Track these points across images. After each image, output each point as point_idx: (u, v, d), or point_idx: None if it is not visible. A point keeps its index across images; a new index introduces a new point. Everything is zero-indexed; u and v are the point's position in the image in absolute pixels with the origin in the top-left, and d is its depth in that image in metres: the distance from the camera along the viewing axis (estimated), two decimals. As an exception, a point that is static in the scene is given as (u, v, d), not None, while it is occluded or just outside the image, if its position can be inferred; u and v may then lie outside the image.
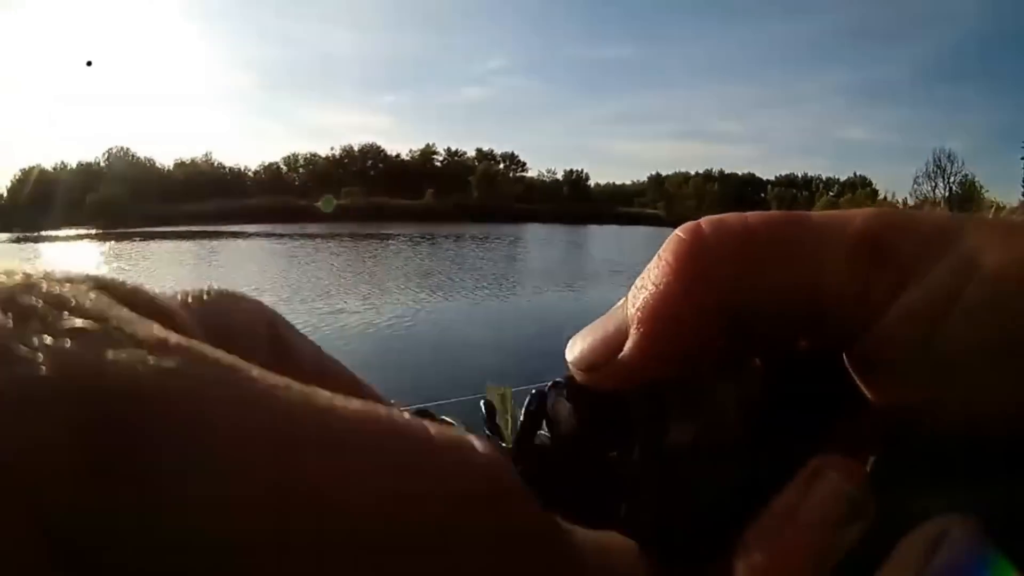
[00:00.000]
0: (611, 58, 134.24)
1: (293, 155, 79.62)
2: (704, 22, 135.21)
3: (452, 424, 0.19)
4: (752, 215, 0.23)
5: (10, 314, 0.12)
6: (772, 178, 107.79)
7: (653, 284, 0.22)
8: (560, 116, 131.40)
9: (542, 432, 0.24)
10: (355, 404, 0.14)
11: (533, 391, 0.25)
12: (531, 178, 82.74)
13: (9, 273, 0.13)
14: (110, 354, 0.12)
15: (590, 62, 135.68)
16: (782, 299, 0.22)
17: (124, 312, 0.14)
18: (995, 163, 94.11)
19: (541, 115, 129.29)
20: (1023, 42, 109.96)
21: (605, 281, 20.48)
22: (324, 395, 0.13)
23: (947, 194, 59.77)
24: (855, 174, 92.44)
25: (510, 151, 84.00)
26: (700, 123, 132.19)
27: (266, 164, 78.11)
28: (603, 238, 51.80)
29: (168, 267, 24.27)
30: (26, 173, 65.51)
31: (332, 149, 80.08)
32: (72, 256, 33.11)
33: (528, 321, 13.60)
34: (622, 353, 0.23)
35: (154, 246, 35.11)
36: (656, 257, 0.23)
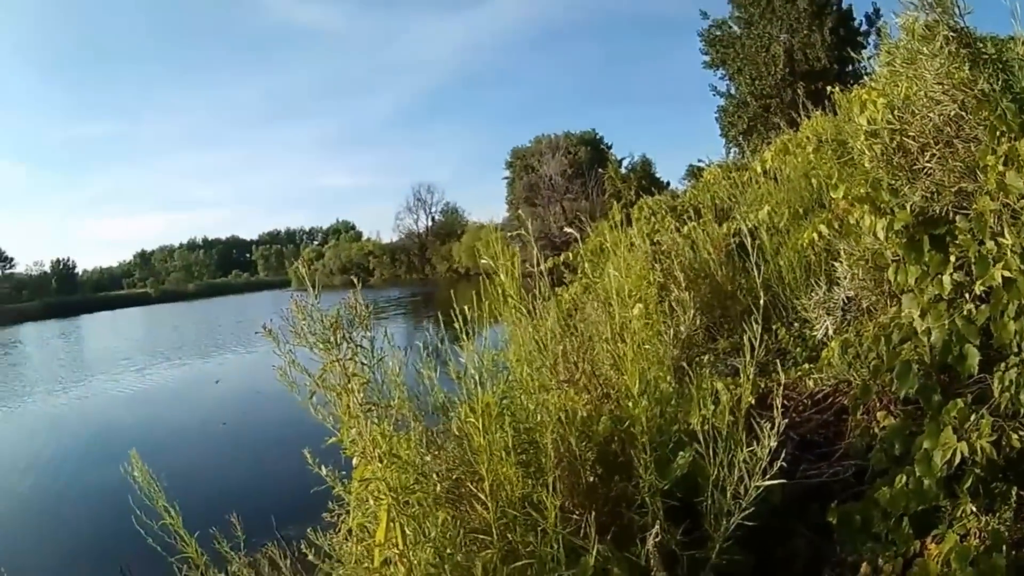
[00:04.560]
0: (94, 136, 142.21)
1: None
2: (183, 89, 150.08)
3: None
4: None
5: None
6: (256, 237, 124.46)
7: None
8: (46, 202, 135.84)
9: None
10: None
11: None
12: (19, 275, 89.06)
13: None
14: None
15: (73, 142, 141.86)
16: None
17: None
18: (475, 186, 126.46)
19: (27, 203, 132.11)
20: (487, 79, 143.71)
21: (110, 370, 25.39)
22: None
23: (430, 223, 75.05)
24: (338, 219, 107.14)
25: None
26: (182, 193, 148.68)
27: None
28: (97, 326, 59.92)
29: None
30: None
31: None
32: None
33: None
34: None
35: None
36: None
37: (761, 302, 2.49)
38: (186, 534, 2.73)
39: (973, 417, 2.75)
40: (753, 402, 2.66)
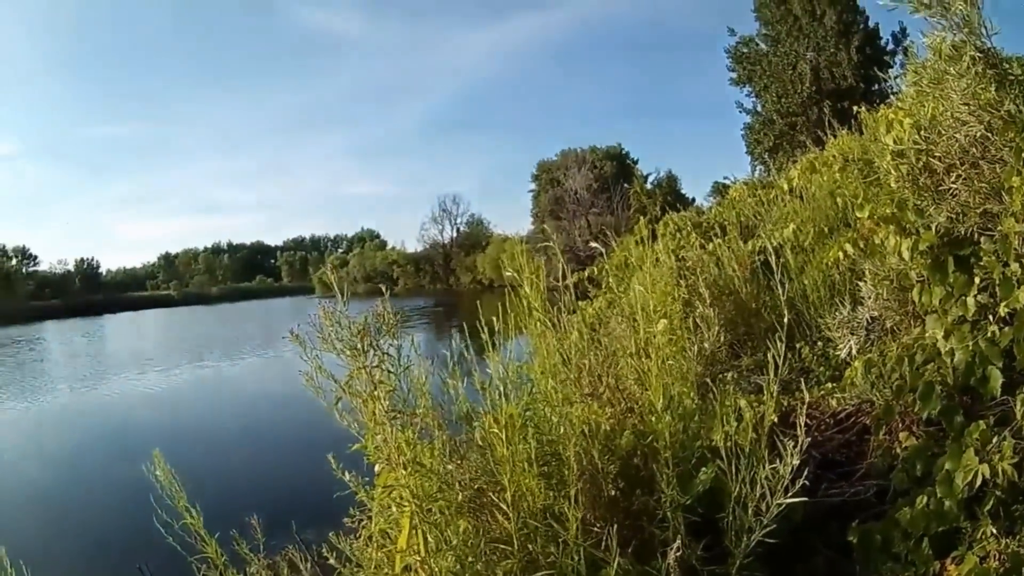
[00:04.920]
0: (120, 136, 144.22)
1: None
2: (210, 93, 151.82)
3: None
4: None
5: None
6: (281, 243, 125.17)
7: None
8: (71, 202, 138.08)
9: None
10: None
11: None
12: (43, 272, 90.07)
13: None
14: None
15: (100, 141, 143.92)
16: None
17: None
18: (500, 198, 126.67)
19: (53, 202, 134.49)
20: (514, 91, 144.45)
21: (134, 369, 25.90)
22: None
23: (455, 234, 75.51)
24: (362, 228, 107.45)
25: (22, 245, 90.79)
26: (207, 196, 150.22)
27: None
28: (119, 327, 60.71)
29: None
30: None
31: None
32: None
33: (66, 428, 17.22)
34: None
35: None
36: None
37: (785, 320, 2.49)
38: (206, 534, 2.74)
39: (995, 439, 2.74)
40: (776, 420, 2.66)
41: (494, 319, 2.57)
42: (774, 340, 2.42)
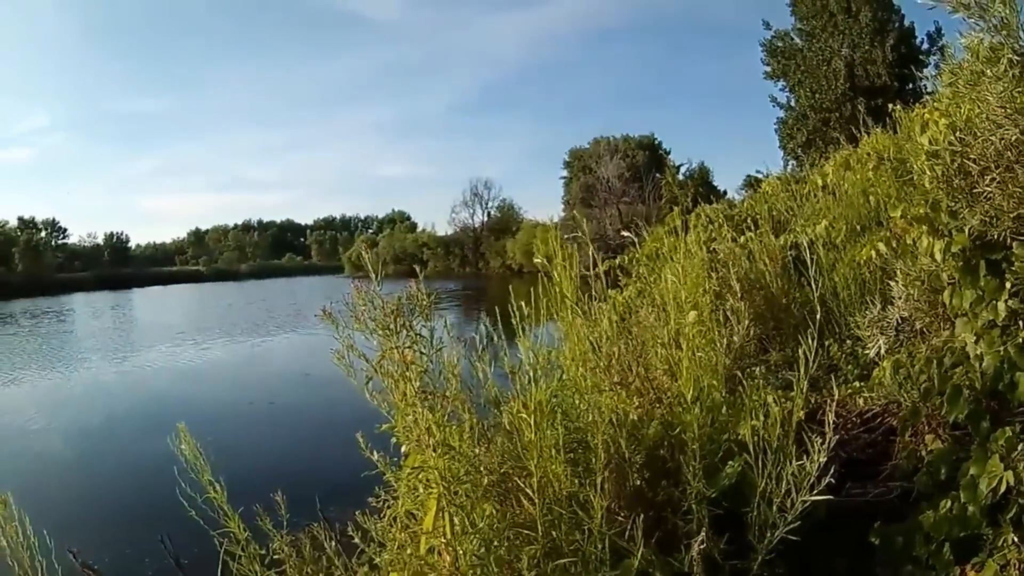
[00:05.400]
0: (151, 111, 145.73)
1: None
2: (240, 67, 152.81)
3: None
4: None
5: None
6: (311, 222, 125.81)
7: None
8: (102, 175, 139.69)
9: None
10: None
11: None
12: (73, 245, 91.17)
13: None
14: None
15: (131, 116, 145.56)
16: None
17: None
18: (531, 183, 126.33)
19: (83, 175, 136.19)
20: (546, 75, 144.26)
21: (164, 343, 26.06)
22: None
23: (485, 219, 75.51)
24: (393, 209, 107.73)
25: (51, 217, 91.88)
26: (238, 173, 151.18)
27: None
28: (148, 300, 61.30)
29: None
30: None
31: None
32: None
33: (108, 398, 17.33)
34: None
35: None
36: None
37: (817, 316, 2.48)
38: (230, 509, 2.77)
39: (1021, 446, 2.71)
40: (803, 416, 2.65)
41: (523, 304, 2.57)
42: (805, 336, 2.41)
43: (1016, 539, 2.57)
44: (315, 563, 2.92)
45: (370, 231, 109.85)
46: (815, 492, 2.37)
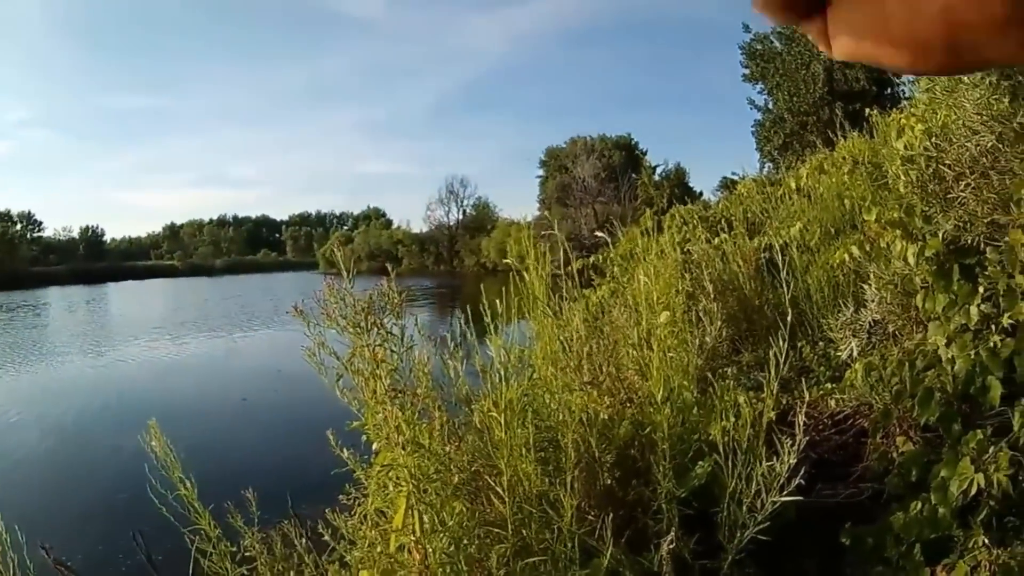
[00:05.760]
0: (134, 107, 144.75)
1: None
2: (223, 64, 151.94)
3: None
4: None
5: None
6: (286, 218, 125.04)
7: None
8: (80, 170, 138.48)
9: None
10: None
11: None
12: (48, 238, 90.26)
13: None
14: None
15: (110, 111, 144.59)
16: None
17: None
18: (507, 182, 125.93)
19: (62, 169, 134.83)
20: (526, 76, 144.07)
21: (142, 340, 25.36)
22: None
23: (460, 217, 75.22)
24: (368, 206, 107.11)
25: (27, 210, 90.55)
26: (214, 169, 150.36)
27: None
28: (123, 295, 60.62)
29: None
30: None
31: None
32: None
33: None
34: None
35: None
36: None
37: (788, 318, 2.49)
38: (200, 506, 2.74)
39: (992, 449, 2.73)
40: (775, 417, 2.66)
41: (496, 302, 2.55)
42: (776, 337, 2.41)
43: (987, 541, 2.59)
44: (286, 560, 2.90)
45: (346, 227, 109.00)
46: (785, 493, 2.37)
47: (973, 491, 2.67)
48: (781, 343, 2.39)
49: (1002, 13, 0.31)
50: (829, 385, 3.77)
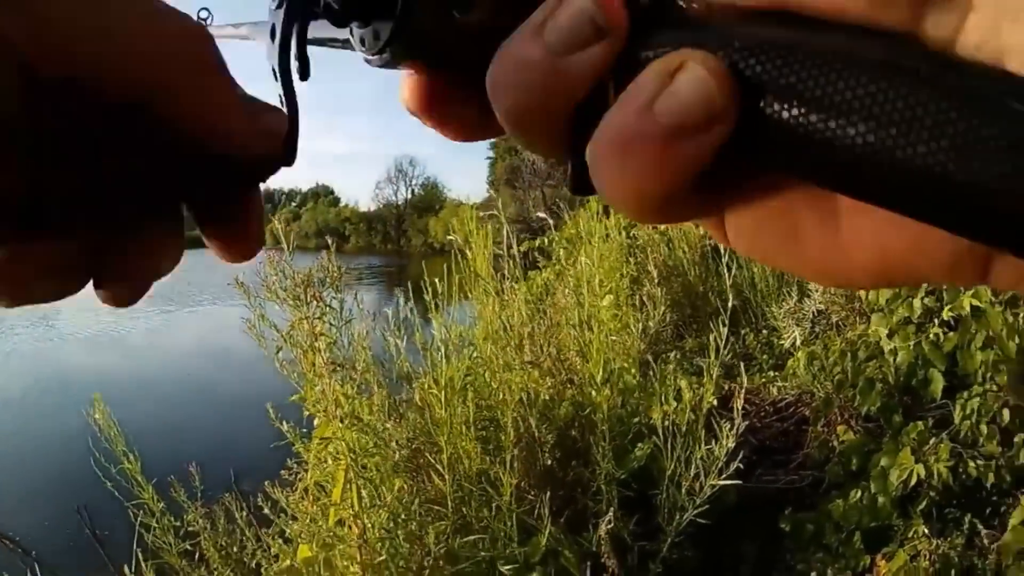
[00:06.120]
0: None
1: None
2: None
3: None
4: None
5: None
6: None
7: None
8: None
9: None
10: None
11: None
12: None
13: None
14: None
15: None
16: None
17: None
18: (457, 162, 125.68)
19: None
20: None
21: (85, 315, 26.25)
22: None
23: (409, 196, 74.54)
24: (317, 183, 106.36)
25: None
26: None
27: None
28: None
29: None
30: None
31: None
32: None
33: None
34: None
35: None
36: None
37: (729, 304, 2.51)
38: (144, 480, 2.72)
39: (932, 441, 2.79)
40: (716, 402, 2.69)
41: (436, 281, 2.55)
42: (717, 323, 2.43)
43: (927, 531, 2.64)
44: (230, 535, 2.88)
45: (294, 204, 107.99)
46: (724, 477, 2.40)
47: (913, 481, 2.70)
48: (722, 328, 2.41)
49: (950, 260, 0.25)
50: (772, 373, 3.82)
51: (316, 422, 2.43)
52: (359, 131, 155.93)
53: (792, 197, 0.27)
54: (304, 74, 0.32)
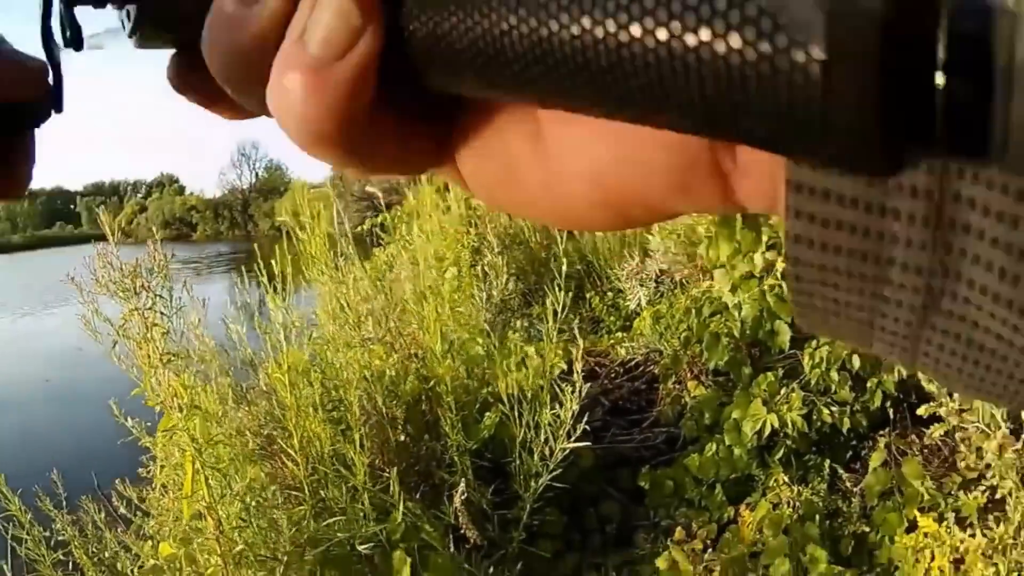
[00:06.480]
0: None
1: None
2: None
3: None
4: None
5: None
6: (81, 188, 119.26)
7: None
8: None
9: None
10: None
11: None
12: None
13: None
14: None
15: None
16: None
17: None
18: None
19: None
20: None
21: None
22: None
23: (253, 180, 73.96)
24: (162, 172, 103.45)
25: None
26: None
27: None
28: None
29: None
30: None
31: None
32: None
33: None
34: None
35: None
36: None
37: (564, 269, 2.70)
38: (9, 492, 2.73)
39: (784, 391, 3.03)
40: (566, 367, 2.88)
41: (273, 263, 2.65)
42: (552, 288, 2.62)
43: (787, 479, 2.86)
44: (99, 541, 2.93)
45: (140, 195, 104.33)
46: (572, 440, 2.59)
47: (767, 431, 2.94)
48: (559, 293, 2.61)
49: (673, 173, 0.24)
50: (620, 334, 4.05)
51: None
52: (202, 114, 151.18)
53: (502, 127, 0.27)
54: (76, 44, 0.33)
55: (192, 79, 0.31)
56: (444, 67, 0.23)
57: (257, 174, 75.25)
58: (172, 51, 0.32)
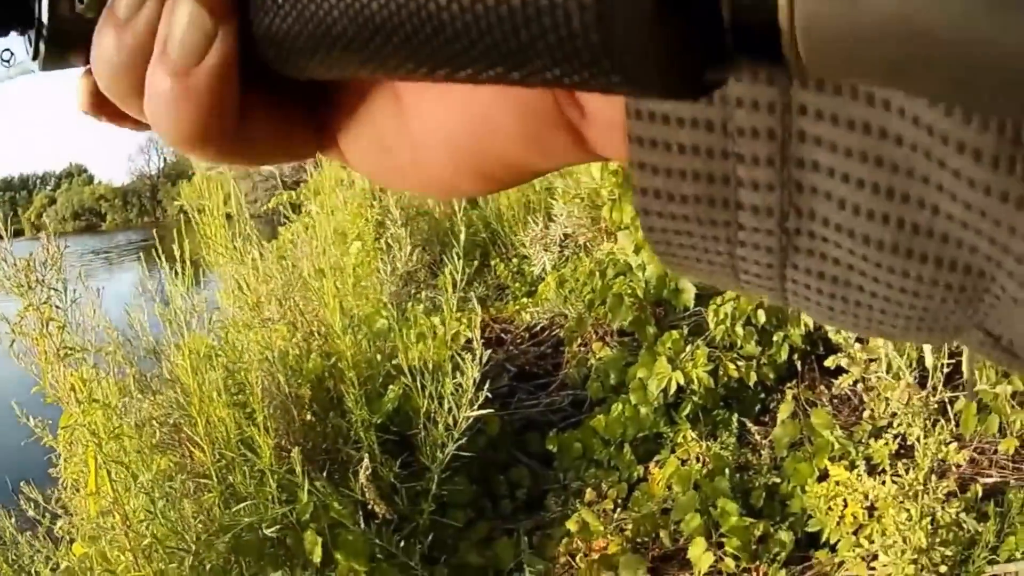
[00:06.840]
0: None
1: None
2: None
3: None
4: None
5: None
6: None
7: None
8: None
9: None
10: None
11: None
12: None
13: None
14: None
15: None
16: None
17: None
18: None
19: None
20: None
21: None
22: None
23: (162, 165, 72.78)
24: (71, 163, 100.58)
25: None
26: None
27: None
28: None
29: None
30: None
31: None
32: None
33: None
34: None
35: None
36: None
37: (461, 237, 2.84)
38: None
39: (689, 348, 3.19)
40: (470, 337, 3.02)
41: (173, 248, 2.75)
42: (451, 256, 2.77)
43: (695, 435, 3.02)
44: (16, 546, 2.98)
45: (49, 188, 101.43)
46: (475, 407, 2.75)
47: (673, 388, 3.11)
48: (457, 261, 2.77)
49: (526, 127, 0.26)
50: (525, 300, 4.22)
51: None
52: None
53: (370, 105, 0.29)
54: None
55: (100, 98, 0.31)
56: (296, 56, 0.24)
57: (165, 159, 73.62)
58: (80, 73, 0.33)
